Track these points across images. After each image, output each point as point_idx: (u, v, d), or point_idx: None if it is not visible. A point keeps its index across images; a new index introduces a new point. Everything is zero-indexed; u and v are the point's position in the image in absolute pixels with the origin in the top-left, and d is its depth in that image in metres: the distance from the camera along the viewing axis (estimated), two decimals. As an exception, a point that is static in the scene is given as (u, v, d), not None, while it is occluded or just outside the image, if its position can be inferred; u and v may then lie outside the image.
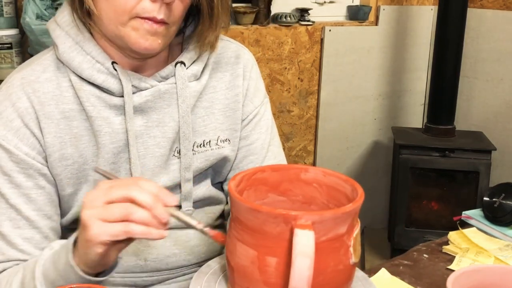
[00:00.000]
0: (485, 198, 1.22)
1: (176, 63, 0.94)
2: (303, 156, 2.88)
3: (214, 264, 0.82)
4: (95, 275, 0.79)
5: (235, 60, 1.02)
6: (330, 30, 2.76)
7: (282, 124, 2.75)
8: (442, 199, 2.71)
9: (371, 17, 2.92)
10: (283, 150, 1.10)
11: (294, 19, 2.64)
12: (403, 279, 1.01)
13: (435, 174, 2.63)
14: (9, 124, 0.88)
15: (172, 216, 0.75)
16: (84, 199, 0.75)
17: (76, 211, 0.94)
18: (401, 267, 1.06)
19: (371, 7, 2.89)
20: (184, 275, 1.01)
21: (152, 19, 0.85)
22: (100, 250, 0.74)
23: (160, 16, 0.85)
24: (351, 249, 0.70)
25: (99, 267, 0.79)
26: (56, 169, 0.90)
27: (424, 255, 1.11)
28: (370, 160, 3.07)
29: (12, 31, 1.85)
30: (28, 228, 0.89)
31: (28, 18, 1.78)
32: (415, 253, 1.12)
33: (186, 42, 0.98)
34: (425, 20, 3.05)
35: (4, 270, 0.88)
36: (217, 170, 1.02)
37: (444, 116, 2.64)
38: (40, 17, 1.81)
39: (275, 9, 2.62)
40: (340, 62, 2.83)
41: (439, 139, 2.59)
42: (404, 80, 3.09)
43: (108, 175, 0.83)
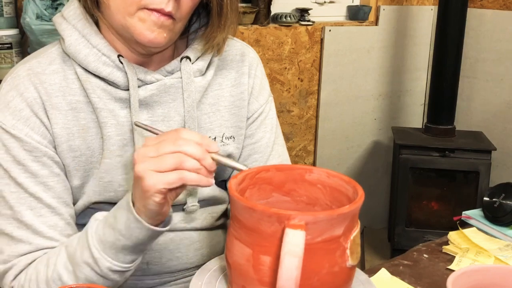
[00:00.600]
0: (485, 198, 1.22)
1: (181, 58, 0.95)
2: (303, 156, 2.88)
3: (217, 262, 0.82)
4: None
5: (240, 58, 1.03)
6: (330, 30, 2.76)
7: (282, 124, 2.75)
8: (442, 199, 2.71)
9: (371, 17, 2.92)
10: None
11: (294, 19, 2.64)
12: (403, 279, 1.01)
13: (435, 174, 2.63)
14: (18, 113, 0.88)
15: (215, 160, 0.77)
16: (135, 155, 0.76)
17: (84, 200, 0.93)
18: (401, 267, 1.06)
19: (371, 7, 2.89)
20: (186, 277, 1.01)
21: (160, 11, 0.84)
22: (158, 199, 0.75)
23: (168, 8, 0.84)
24: (348, 251, 0.70)
25: (158, 218, 0.80)
26: (65, 160, 0.90)
27: (424, 255, 1.11)
28: (370, 160, 3.07)
29: (12, 31, 1.85)
30: (51, 215, 0.88)
31: (28, 18, 1.78)
32: (415, 253, 1.12)
33: (191, 38, 0.98)
34: (425, 20, 3.05)
35: (34, 261, 0.87)
36: (220, 168, 1.01)
37: (444, 116, 2.64)
38: (40, 17, 1.81)
39: (275, 9, 2.63)
40: (340, 62, 2.83)
41: (439, 139, 2.59)
42: (404, 80, 3.10)
43: (151, 129, 0.83)
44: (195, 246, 1.01)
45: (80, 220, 0.95)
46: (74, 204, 0.94)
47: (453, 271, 1.01)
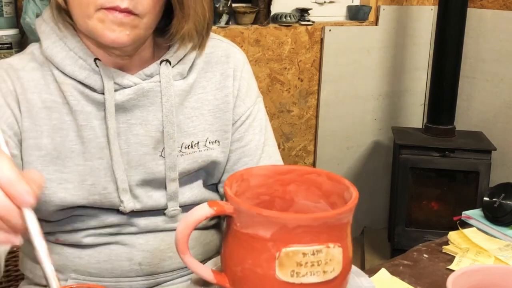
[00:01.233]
0: (485, 198, 1.22)
1: (161, 61, 0.93)
2: (303, 156, 2.88)
3: (213, 265, 0.82)
4: None
5: (225, 59, 1.00)
6: (330, 30, 2.76)
7: (282, 124, 2.75)
8: (442, 199, 2.71)
9: (371, 17, 2.93)
10: (283, 150, 1.10)
11: (294, 19, 2.64)
12: (403, 279, 1.01)
13: (435, 174, 2.63)
14: None
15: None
16: None
17: (65, 204, 0.90)
18: (401, 267, 1.06)
19: (371, 7, 2.89)
20: (181, 277, 1.01)
21: (116, 8, 0.82)
22: None
23: (123, 5, 0.82)
24: (277, 261, 0.67)
25: None
26: (29, 157, 0.89)
27: (424, 255, 1.11)
28: (370, 160, 3.07)
29: (12, 31, 1.85)
30: None
31: (28, 18, 1.78)
32: (415, 253, 1.12)
33: (170, 40, 0.95)
34: (425, 20, 3.05)
35: None
36: (209, 172, 1.00)
37: (444, 116, 2.64)
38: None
39: (275, 9, 2.63)
40: (340, 62, 2.83)
41: (439, 139, 2.59)
42: (404, 80, 3.10)
43: None
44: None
45: (67, 227, 0.94)
46: (44, 202, 0.91)
47: (453, 271, 1.01)
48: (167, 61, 0.93)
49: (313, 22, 2.72)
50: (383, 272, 1.02)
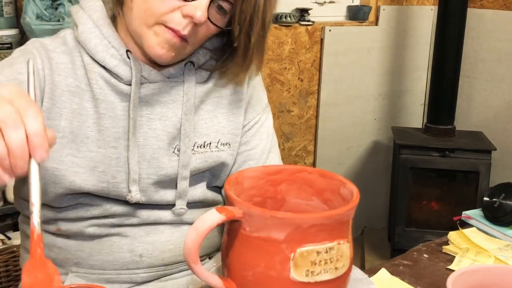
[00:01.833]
0: (485, 198, 1.22)
1: (185, 63, 0.97)
2: (303, 156, 2.88)
3: (213, 264, 0.82)
4: None
5: None
6: (330, 30, 2.76)
7: (282, 124, 2.75)
8: (442, 199, 2.71)
9: (371, 17, 2.93)
10: (283, 150, 1.12)
11: (294, 19, 2.64)
12: (403, 279, 1.01)
13: (435, 174, 2.63)
14: (16, 75, 0.89)
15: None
16: None
17: (73, 189, 0.91)
18: (401, 267, 1.06)
19: (371, 7, 2.89)
20: (181, 271, 1.01)
21: (176, 32, 0.87)
22: None
23: (184, 32, 0.87)
24: (292, 262, 0.67)
25: None
26: None
27: (424, 255, 1.11)
28: (370, 160, 3.07)
29: (12, 31, 1.85)
30: None
31: (28, 18, 1.78)
32: (415, 253, 1.12)
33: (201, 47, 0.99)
34: (425, 20, 3.05)
35: None
36: (214, 174, 1.03)
37: (444, 116, 2.64)
38: (40, 17, 1.81)
39: (275, 9, 2.62)
40: (340, 62, 2.83)
41: (439, 139, 2.59)
42: (404, 80, 3.10)
43: None
44: None
45: (71, 214, 0.95)
46: (52, 187, 0.91)
47: (453, 271, 1.01)
48: (192, 63, 0.97)
49: (313, 22, 2.72)
50: (383, 272, 1.02)
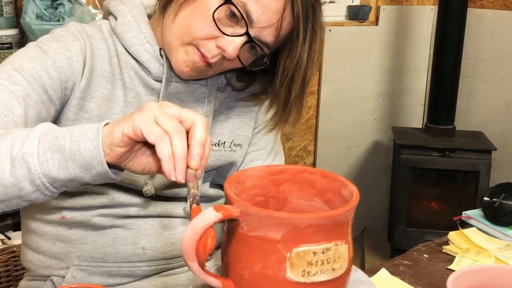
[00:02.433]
0: (485, 198, 1.22)
1: None
2: (303, 156, 2.88)
3: (213, 264, 0.82)
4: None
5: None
6: (330, 30, 2.76)
7: (282, 124, 2.75)
8: (442, 199, 2.71)
9: (371, 17, 2.93)
10: (283, 150, 1.13)
11: (294, 19, 2.64)
12: (403, 279, 1.01)
13: (435, 174, 2.63)
14: (64, 49, 0.92)
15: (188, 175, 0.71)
16: (161, 102, 0.74)
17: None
18: (401, 267, 1.06)
19: (371, 7, 2.89)
20: (182, 267, 1.02)
21: (205, 57, 0.90)
22: (127, 131, 0.69)
23: (212, 60, 0.90)
24: (288, 262, 0.67)
25: (108, 154, 0.72)
26: (73, 114, 0.93)
27: (424, 255, 1.11)
28: (370, 160, 3.07)
29: (12, 31, 1.85)
30: (15, 102, 0.84)
31: (28, 18, 1.78)
32: (415, 253, 1.12)
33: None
34: (425, 20, 3.05)
35: None
36: (221, 172, 1.05)
37: (444, 116, 2.64)
38: (40, 17, 1.81)
39: (275, 9, 2.62)
40: (340, 62, 2.83)
41: (439, 139, 2.59)
42: (404, 80, 3.10)
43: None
44: None
45: (77, 202, 0.95)
46: None
47: (453, 271, 1.01)
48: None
49: (313, 22, 2.71)
50: (383, 272, 1.02)
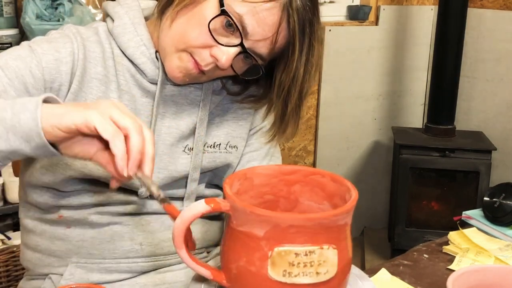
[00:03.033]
0: (485, 198, 1.22)
1: None
2: (303, 156, 2.88)
3: (214, 264, 0.82)
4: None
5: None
6: (330, 30, 2.76)
7: (282, 124, 2.75)
8: (442, 199, 2.71)
9: (371, 17, 2.92)
10: (283, 150, 1.14)
11: (294, 19, 2.64)
12: (403, 279, 1.01)
13: (435, 174, 2.63)
14: (53, 51, 0.92)
15: (136, 177, 0.73)
16: (113, 101, 0.75)
17: (78, 174, 0.93)
18: (401, 267, 1.06)
19: (371, 7, 2.89)
20: (180, 263, 1.03)
21: (198, 65, 0.91)
22: (79, 123, 0.70)
23: (205, 68, 0.91)
24: (269, 261, 0.67)
25: (50, 134, 0.72)
26: None
27: (424, 255, 1.11)
28: (370, 160, 3.07)
29: (12, 31, 1.86)
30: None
31: (28, 18, 1.78)
32: (415, 253, 1.12)
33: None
34: (425, 20, 3.05)
35: None
36: (217, 174, 1.06)
37: (444, 116, 2.64)
38: (40, 17, 1.81)
39: (275, 9, 2.62)
40: (340, 62, 2.83)
41: (439, 139, 2.59)
42: (404, 80, 3.09)
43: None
44: None
45: (74, 200, 0.95)
46: (62, 168, 0.93)
47: (453, 271, 1.01)
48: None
49: (313, 22, 2.71)
50: (383, 272, 1.02)
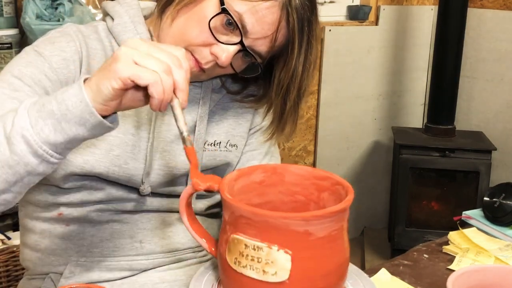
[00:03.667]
0: (485, 198, 1.22)
1: None
2: (303, 156, 2.88)
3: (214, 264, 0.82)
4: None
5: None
6: (330, 30, 2.76)
7: (282, 124, 2.74)
8: (442, 199, 2.71)
9: (371, 17, 2.92)
10: (283, 150, 1.15)
11: (294, 19, 2.64)
12: (403, 279, 1.01)
13: (435, 174, 2.63)
14: (59, 51, 0.93)
15: (171, 105, 0.74)
16: (127, 41, 0.74)
17: (82, 170, 0.92)
18: (401, 267, 1.06)
19: (371, 7, 2.89)
20: (180, 261, 1.03)
21: (198, 63, 0.92)
22: (117, 85, 0.70)
23: (205, 66, 0.92)
24: (227, 246, 0.71)
25: (100, 109, 0.73)
26: None
27: (424, 255, 1.11)
28: (370, 160, 3.07)
29: (12, 31, 1.85)
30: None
31: (28, 18, 1.78)
32: (415, 253, 1.12)
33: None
34: (425, 20, 3.05)
35: None
36: (217, 173, 1.06)
37: (444, 116, 2.64)
38: (40, 17, 1.81)
39: (275, 9, 2.62)
40: (340, 62, 2.83)
41: (439, 139, 2.59)
42: (404, 80, 3.10)
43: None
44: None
45: (75, 197, 0.95)
46: (65, 165, 0.92)
47: (453, 271, 1.01)
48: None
49: (313, 22, 2.71)
50: (383, 272, 1.02)
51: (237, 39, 0.90)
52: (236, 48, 0.90)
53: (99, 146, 0.93)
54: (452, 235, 1.17)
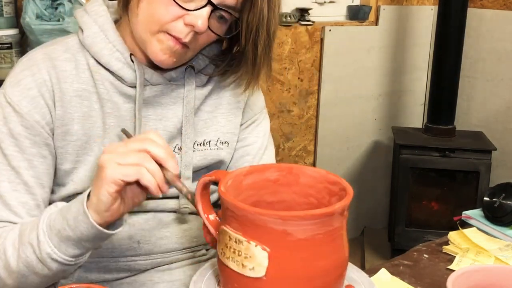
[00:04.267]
0: (485, 198, 1.22)
1: (186, 67, 1.00)
2: (303, 156, 2.88)
3: (214, 265, 0.82)
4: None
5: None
6: (330, 30, 2.76)
7: (282, 124, 2.75)
8: (442, 199, 2.71)
9: (371, 17, 2.92)
10: (283, 150, 1.14)
11: (294, 19, 2.64)
12: (403, 279, 1.01)
13: (435, 174, 2.63)
14: (26, 92, 0.93)
15: (168, 179, 0.80)
16: (105, 147, 0.81)
17: (69, 189, 0.96)
18: (401, 267, 1.06)
19: (371, 7, 2.89)
20: (178, 261, 1.03)
21: (178, 39, 0.91)
22: (111, 189, 0.78)
23: (186, 39, 0.91)
24: (218, 236, 0.74)
25: (107, 215, 0.81)
26: (61, 142, 0.95)
27: (424, 255, 1.11)
28: (370, 160, 3.07)
29: (12, 31, 1.85)
30: (25, 193, 0.92)
31: (28, 18, 1.78)
32: (415, 253, 1.12)
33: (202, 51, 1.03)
34: (425, 20, 3.05)
35: None
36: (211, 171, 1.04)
37: (444, 116, 2.64)
38: (40, 17, 1.81)
39: (275, 9, 2.62)
40: (340, 62, 2.83)
41: (439, 139, 2.59)
42: (404, 80, 3.10)
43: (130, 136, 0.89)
44: (184, 227, 1.04)
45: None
46: (62, 187, 0.97)
47: (453, 271, 1.01)
48: (192, 67, 1.01)
49: (313, 22, 2.72)
50: (383, 272, 1.02)
51: (204, 2, 0.89)
52: (207, 10, 0.89)
53: (79, 167, 0.96)
54: (452, 235, 1.17)
